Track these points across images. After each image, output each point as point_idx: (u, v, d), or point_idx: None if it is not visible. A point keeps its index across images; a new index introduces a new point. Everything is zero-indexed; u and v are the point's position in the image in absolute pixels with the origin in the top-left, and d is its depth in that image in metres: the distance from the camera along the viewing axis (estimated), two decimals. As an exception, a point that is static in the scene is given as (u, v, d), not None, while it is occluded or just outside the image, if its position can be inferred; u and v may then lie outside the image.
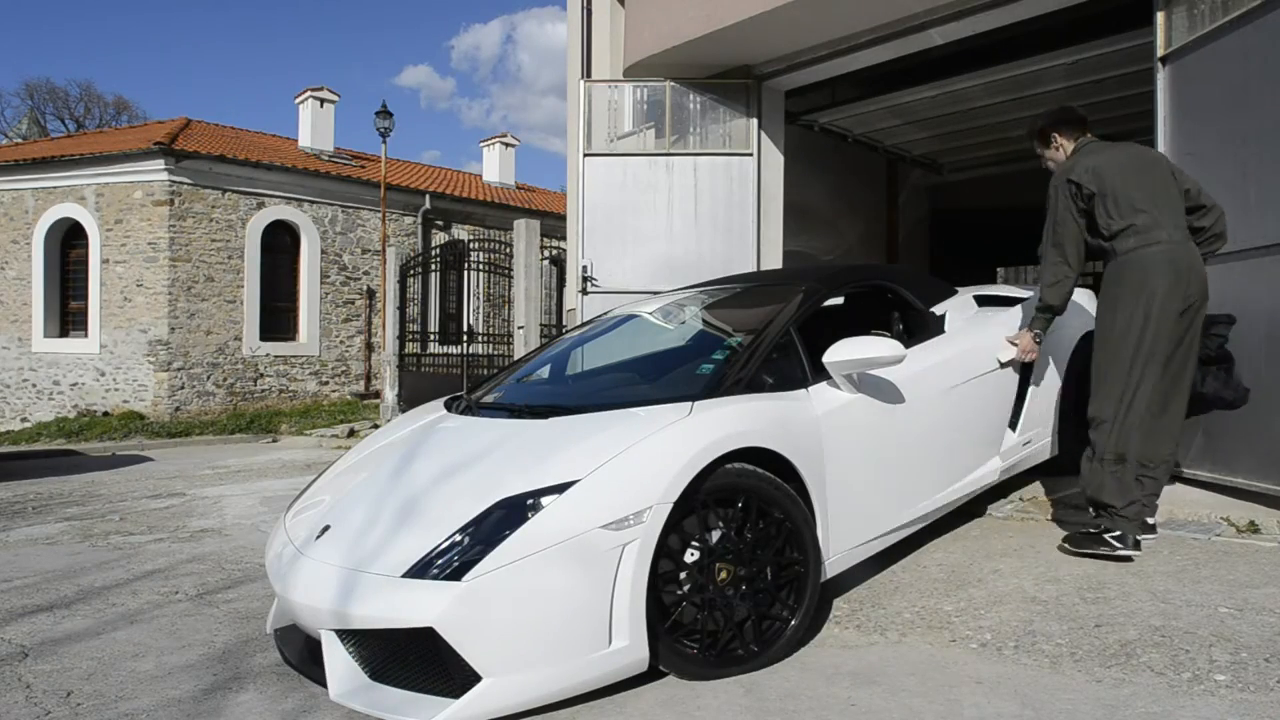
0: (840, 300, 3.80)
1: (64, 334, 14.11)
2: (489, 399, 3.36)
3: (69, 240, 14.05)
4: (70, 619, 3.15)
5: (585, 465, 2.30)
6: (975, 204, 12.40)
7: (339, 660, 2.24)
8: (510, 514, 2.22)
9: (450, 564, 2.15)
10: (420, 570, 2.16)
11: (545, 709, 2.17)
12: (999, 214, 12.37)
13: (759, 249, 7.26)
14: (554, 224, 14.30)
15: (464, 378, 10.08)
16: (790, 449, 2.63)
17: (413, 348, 12.26)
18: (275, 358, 14.74)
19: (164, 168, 13.19)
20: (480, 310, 13.81)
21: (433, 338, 13.01)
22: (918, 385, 3.25)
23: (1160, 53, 4.74)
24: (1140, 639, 2.53)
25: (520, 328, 9.19)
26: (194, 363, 13.62)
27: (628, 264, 7.30)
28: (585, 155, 7.40)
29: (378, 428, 8.33)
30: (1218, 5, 4.31)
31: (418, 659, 2.17)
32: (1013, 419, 3.85)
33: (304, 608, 2.31)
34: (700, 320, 3.78)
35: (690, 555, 2.38)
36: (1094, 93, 8.15)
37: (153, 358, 13.31)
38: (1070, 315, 3.93)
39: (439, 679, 2.14)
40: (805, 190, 9.25)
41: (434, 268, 13.74)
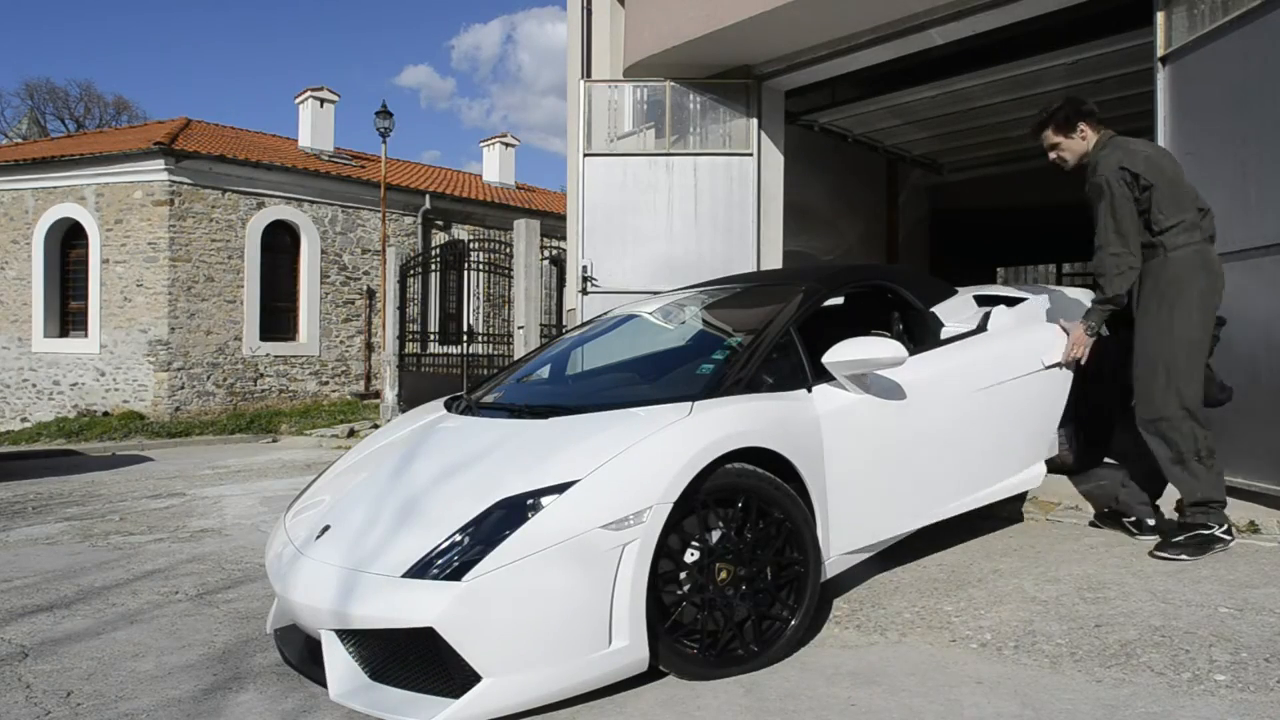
0: (840, 300, 3.80)
1: (64, 334, 14.11)
2: (489, 399, 3.36)
3: (69, 240, 14.05)
4: (70, 619, 3.15)
5: (585, 465, 2.30)
6: (975, 204, 12.40)
7: (339, 660, 2.24)
8: (510, 514, 2.22)
9: (450, 564, 2.15)
10: (420, 570, 2.16)
11: (545, 709, 2.17)
12: (999, 214, 12.38)
13: (759, 249, 7.26)
14: (554, 224, 14.29)
15: (464, 378, 10.08)
16: (790, 449, 2.63)
17: (413, 348, 12.26)
18: (275, 358, 14.74)
19: (164, 168, 13.19)
20: (480, 310, 13.81)
21: (433, 338, 13.01)
22: (938, 386, 3.20)
23: (1160, 53, 4.74)
24: (1140, 639, 2.54)
25: (520, 328, 9.20)
26: (194, 363, 13.62)
27: (628, 264, 7.30)
28: (585, 155, 7.40)
29: (378, 428, 8.32)
30: (1218, 5, 4.31)
31: (418, 659, 2.17)
32: (1064, 421, 3.74)
33: (304, 608, 2.31)
34: (700, 320, 3.78)
35: (690, 555, 2.38)
36: (1094, 93, 8.13)
37: (153, 358, 13.31)
38: (1072, 315, 3.92)
39: (439, 679, 2.14)
40: (805, 190, 9.25)
41: (434, 268, 13.74)
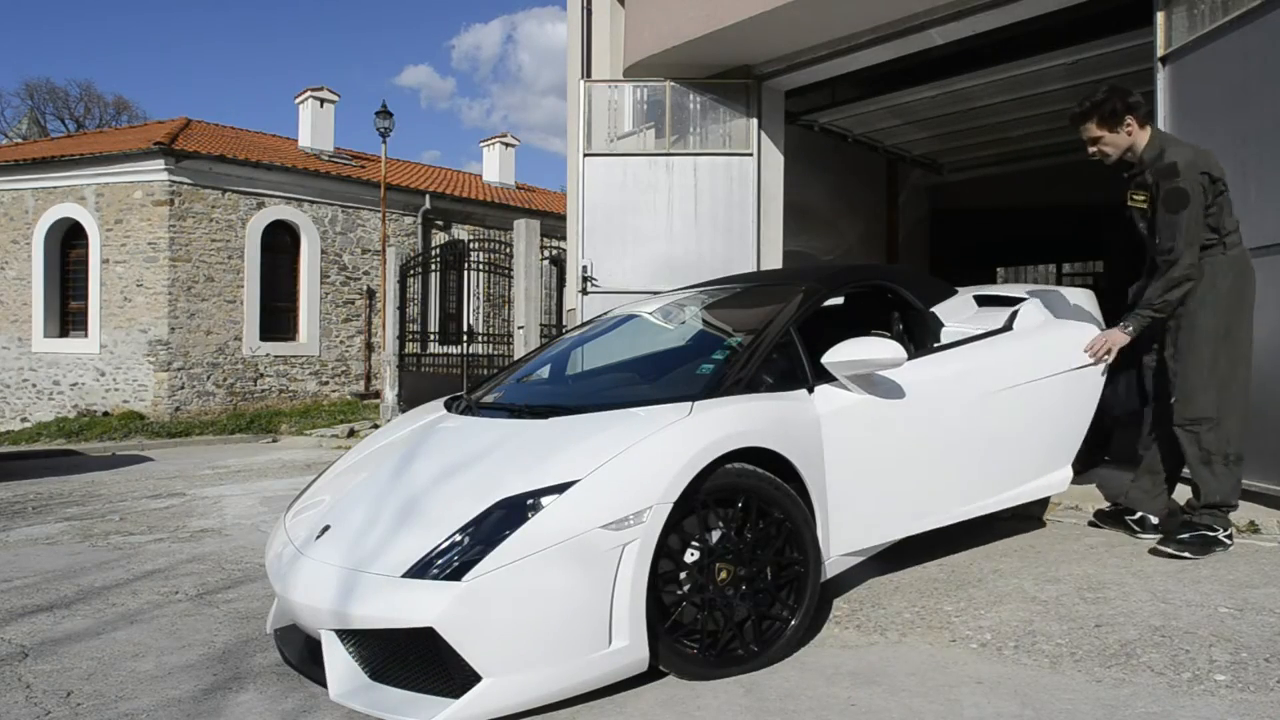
0: (840, 300, 3.80)
1: (64, 334, 14.11)
2: (489, 399, 3.36)
3: (69, 240, 14.05)
4: (70, 619, 3.15)
5: (585, 465, 2.30)
6: (975, 204, 12.41)
7: (339, 660, 2.24)
8: (510, 514, 2.22)
9: (450, 564, 2.15)
10: (420, 570, 2.16)
11: (545, 709, 2.17)
12: (999, 214, 12.39)
13: (759, 249, 7.26)
14: (554, 224, 14.29)
15: (464, 378, 10.08)
16: (790, 449, 2.62)
17: (413, 348, 12.26)
18: (275, 358, 14.74)
19: (164, 168, 13.19)
20: (480, 310, 13.81)
21: (433, 338, 13.01)
22: (949, 387, 3.16)
23: (1160, 53, 4.74)
24: (1140, 639, 2.54)
25: (520, 328, 9.19)
26: (194, 363, 13.62)
27: (628, 264, 7.30)
28: (585, 155, 7.40)
29: (378, 428, 8.32)
30: (1218, 5, 4.32)
31: (418, 659, 2.17)
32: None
33: (304, 608, 2.31)
34: (700, 320, 3.78)
35: (690, 555, 2.38)
36: (1094, 93, 8.14)
37: (153, 358, 13.31)
38: (1074, 315, 3.90)
39: (439, 679, 2.14)
40: (805, 190, 9.25)
41: (434, 268, 13.74)
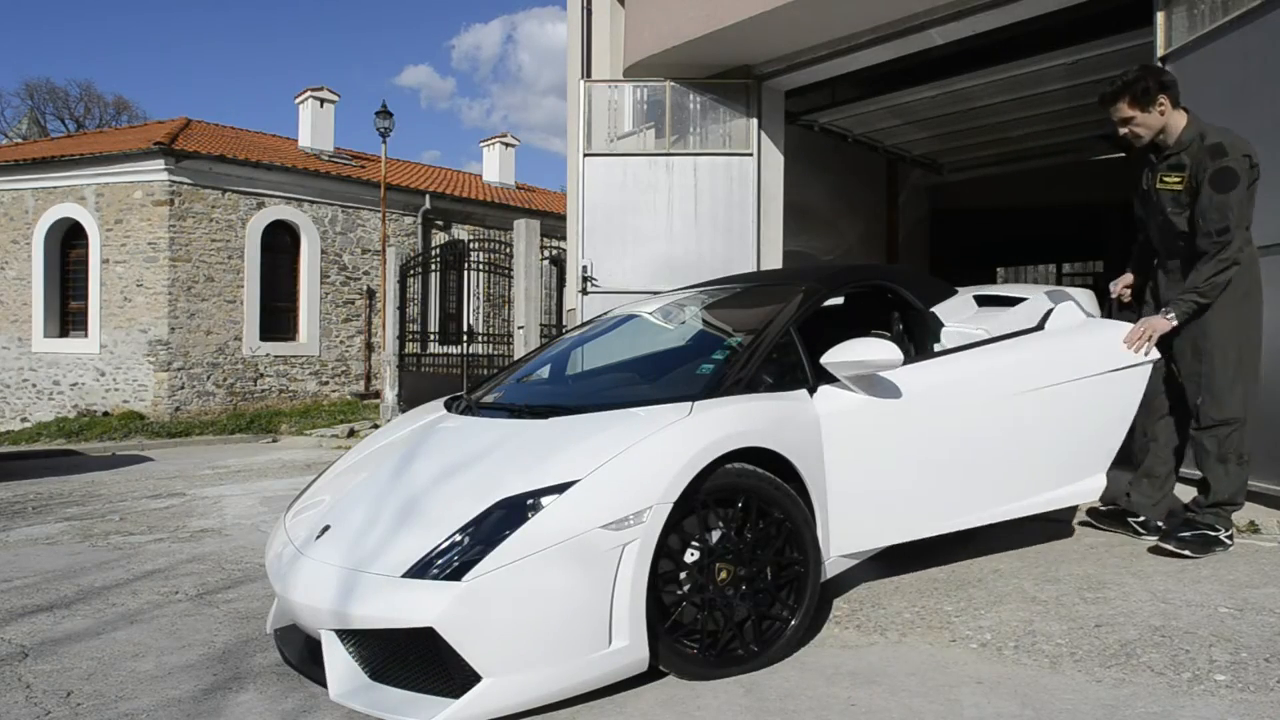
0: (840, 300, 3.80)
1: (64, 334, 14.11)
2: (489, 399, 3.36)
3: (69, 240, 14.05)
4: (70, 619, 3.15)
5: (585, 465, 2.30)
6: (975, 204, 12.42)
7: (339, 660, 2.24)
8: (510, 514, 2.22)
9: (450, 564, 2.15)
10: (420, 570, 2.16)
11: (545, 709, 2.17)
12: (999, 214, 12.40)
13: (759, 249, 7.26)
14: (554, 224, 14.29)
15: (464, 378, 10.08)
16: (790, 449, 2.62)
17: (413, 348, 12.26)
18: (275, 358, 14.74)
19: (164, 168, 13.19)
20: (480, 310, 13.81)
21: (433, 338, 13.01)
22: (964, 388, 3.07)
23: (1160, 53, 4.74)
24: (1140, 639, 2.54)
25: (520, 328, 9.19)
26: (194, 363, 13.62)
27: (628, 264, 7.31)
28: (585, 155, 7.41)
29: (378, 428, 8.31)
30: (1218, 5, 4.32)
31: (418, 659, 2.17)
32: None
33: (304, 608, 2.31)
34: (700, 320, 3.78)
35: (690, 555, 2.38)
36: (1094, 93, 8.13)
37: (153, 358, 13.31)
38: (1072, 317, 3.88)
39: (439, 679, 2.14)
40: (805, 190, 9.26)
41: (434, 268, 13.74)
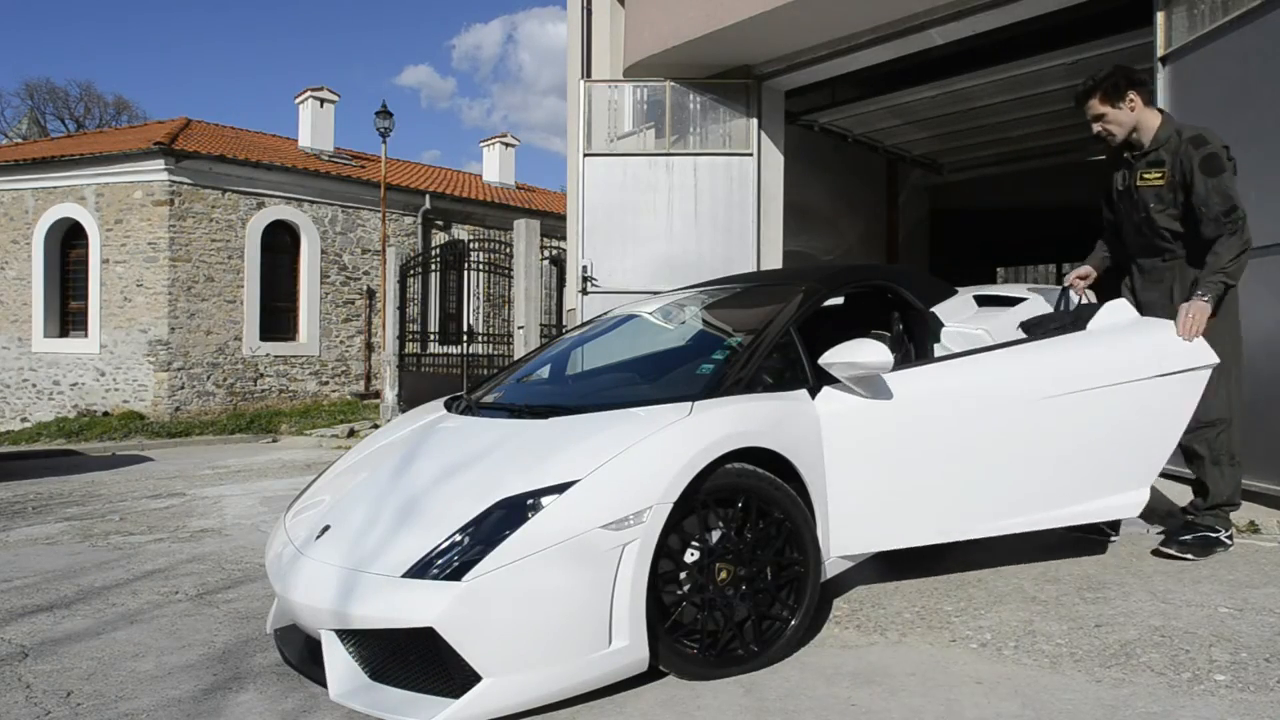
0: (840, 300, 3.80)
1: (64, 334, 14.10)
2: (489, 399, 3.36)
3: (69, 240, 14.05)
4: (70, 619, 3.15)
5: (585, 465, 2.30)
6: (975, 204, 12.42)
7: (339, 660, 2.24)
8: (510, 514, 2.21)
9: (450, 564, 2.15)
10: (420, 570, 2.16)
11: (545, 709, 2.17)
12: (999, 214, 12.40)
13: (759, 249, 7.26)
14: (554, 224, 14.29)
15: (464, 378, 10.08)
16: (790, 449, 2.62)
17: (413, 348, 12.26)
18: (275, 358, 14.74)
19: (164, 168, 13.19)
20: (480, 310, 13.81)
21: (433, 338, 13.00)
22: (982, 391, 2.96)
23: (1160, 53, 4.74)
24: (1140, 639, 2.54)
25: (520, 328, 9.19)
26: (194, 363, 13.62)
27: (628, 264, 7.31)
28: (585, 155, 7.41)
29: (378, 428, 8.30)
30: (1218, 5, 4.32)
31: (418, 659, 2.17)
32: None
33: (304, 608, 2.31)
34: (700, 320, 3.77)
35: (690, 555, 2.38)
36: (1094, 93, 8.14)
37: (153, 358, 13.31)
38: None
39: (439, 679, 2.14)
40: (805, 190, 9.26)
41: (434, 268, 13.74)
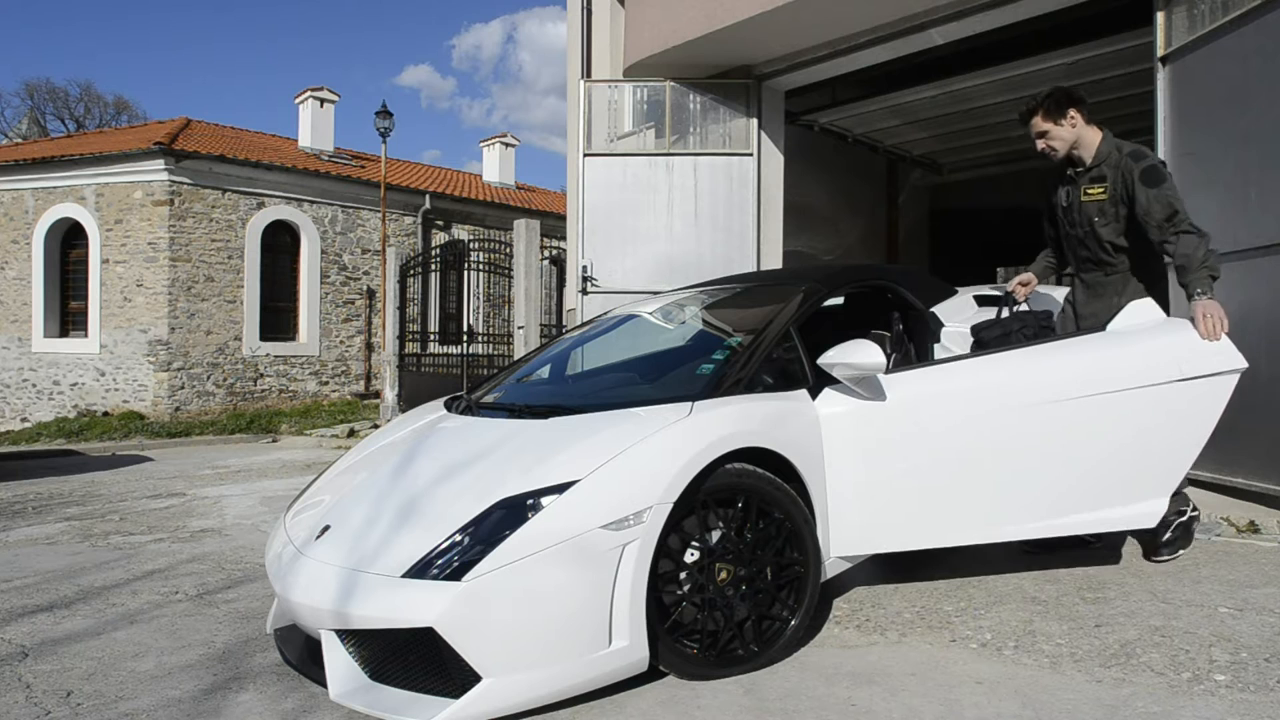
0: (840, 300, 3.79)
1: (64, 334, 14.10)
2: (489, 399, 3.36)
3: (69, 240, 14.04)
4: (70, 619, 3.15)
5: (585, 465, 2.30)
6: (975, 204, 12.41)
7: (339, 660, 2.24)
8: (510, 514, 2.22)
9: (450, 564, 2.15)
10: (420, 570, 2.16)
11: (545, 709, 2.17)
12: (999, 214, 12.38)
13: (759, 249, 7.26)
14: (554, 224, 14.29)
15: (464, 378, 10.08)
16: (790, 449, 2.62)
17: (413, 348, 12.25)
18: (275, 358, 14.74)
19: (164, 168, 13.19)
20: (480, 310, 13.81)
21: (433, 338, 13.00)
22: (989, 394, 2.89)
23: (1160, 53, 4.74)
24: (1140, 639, 2.54)
25: (520, 328, 9.19)
26: (194, 363, 13.62)
27: (628, 264, 7.31)
28: (585, 155, 7.41)
29: (378, 428, 8.31)
30: (1218, 5, 4.32)
31: (418, 659, 2.17)
32: None
33: (304, 608, 2.31)
34: (700, 320, 3.78)
35: (690, 555, 2.38)
36: (1094, 93, 8.14)
37: (153, 358, 13.31)
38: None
39: (439, 679, 2.14)
40: (805, 190, 9.26)
41: (434, 268, 13.73)
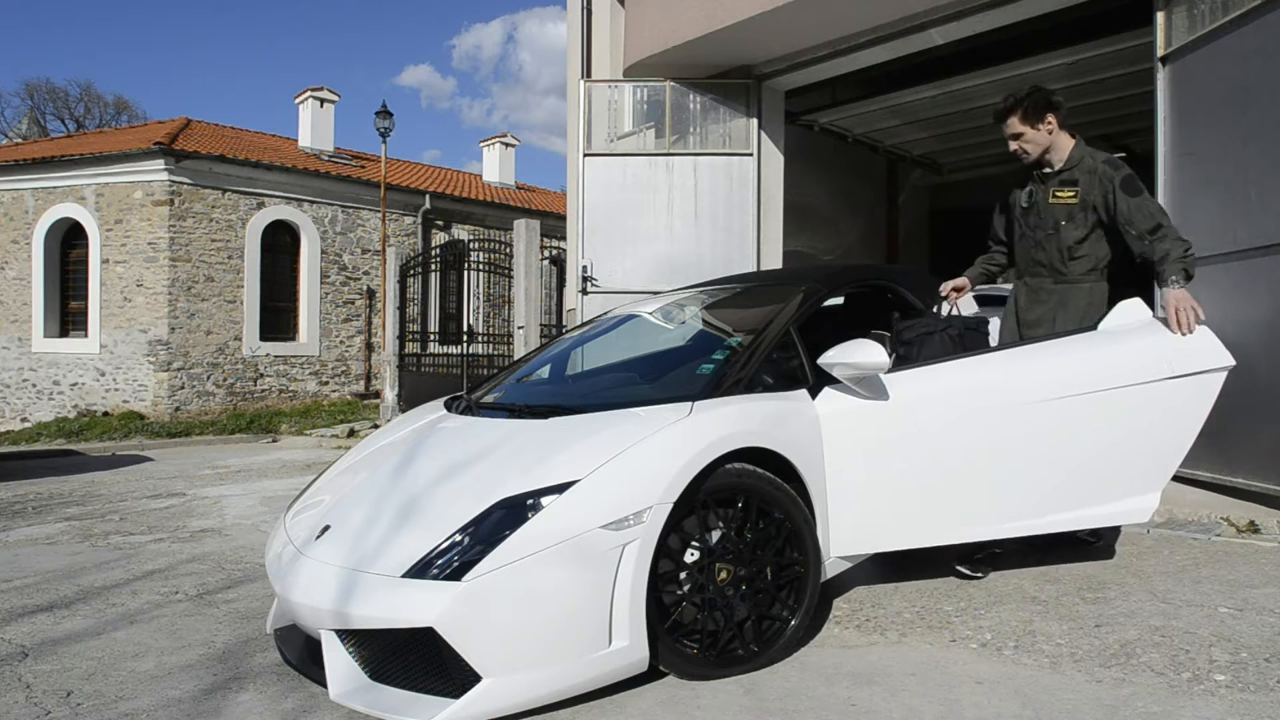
0: (840, 300, 3.80)
1: (64, 334, 14.10)
2: (489, 399, 3.36)
3: (69, 240, 14.04)
4: (70, 619, 3.15)
5: (585, 465, 2.30)
6: (975, 204, 12.38)
7: (339, 660, 2.24)
8: (510, 514, 2.21)
9: (450, 564, 2.15)
10: (420, 570, 2.16)
11: (545, 709, 2.17)
12: (999, 214, 12.36)
13: (759, 249, 7.26)
14: (554, 224, 14.29)
15: (464, 378, 10.08)
16: (790, 449, 2.62)
17: (413, 348, 12.25)
18: (275, 358, 14.74)
19: (164, 168, 13.19)
20: (480, 310, 13.81)
21: (433, 338, 13.00)
22: (985, 393, 2.90)
23: (1160, 53, 4.74)
24: (1140, 639, 2.54)
25: (520, 328, 9.19)
26: (194, 363, 13.62)
27: (628, 264, 7.31)
28: (585, 155, 7.41)
29: (378, 428, 8.31)
30: (1218, 5, 4.32)
31: (418, 659, 2.17)
32: None
33: (304, 608, 2.31)
34: (700, 320, 3.78)
35: (690, 555, 2.38)
36: (1094, 93, 8.16)
37: (153, 358, 13.31)
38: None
39: (439, 679, 2.14)
40: (805, 190, 9.26)
41: (434, 268, 13.73)
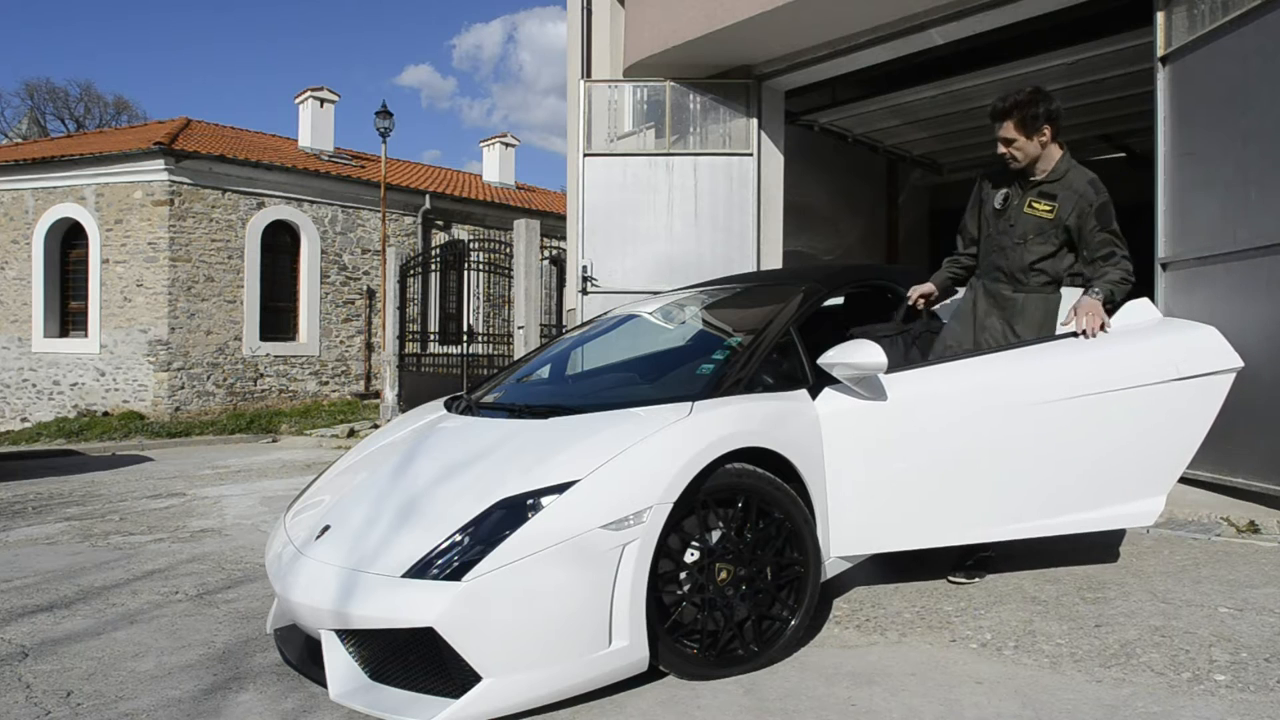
0: (840, 300, 3.80)
1: (64, 334, 14.10)
2: (489, 399, 3.36)
3: (69, 240, 14.04)
4: (70, 619, 3.15)
5: (585, 465, 2.30)
6: (975, 204, 12.38)
7: (339, 660, 2.24)
8: (510, 514, 2.22)
9: (450, 564, 2.15)
10: (420, 570, 2.16)
11: (545, 709, 2.17)
12: (999, 214, 12.35)
13: (759, 249, 7.26)
14: (554, 224, 14.29)
15: (464, 378, 10.08)
16: (790, 449, 2.62)
17: (413, 348, 12.25)
18: (275, 358, 14.74)
19: (164, 168, 13.19)
20: (480, 310, 13.81)
21: (433, 338, 12.99)
22: (981, 395, 2.88)
23: (1160, 53, 4.74)
24: (1140, 639, 2.54)
25: (520, 328, 9.19)
26: (194, 363, 13.62)
27: (628, 264, 7.31)
28: (585, 155, 7.41)
29: (378, 428, 8.31)
30: (1218, 5, 4.32)
31: (418, 659, 2.17)
32: None
33: (304, 608, 2.31)
34: (700, 320, 3.78)
35: (690, 555, 2.38)
36: (1094, 93, 8.15)
37: (153, 358, 13.31)
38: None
39: (439, 679, 2.14)
40: (805, 190, 9.25)
41: (434, 268, 13.73)
